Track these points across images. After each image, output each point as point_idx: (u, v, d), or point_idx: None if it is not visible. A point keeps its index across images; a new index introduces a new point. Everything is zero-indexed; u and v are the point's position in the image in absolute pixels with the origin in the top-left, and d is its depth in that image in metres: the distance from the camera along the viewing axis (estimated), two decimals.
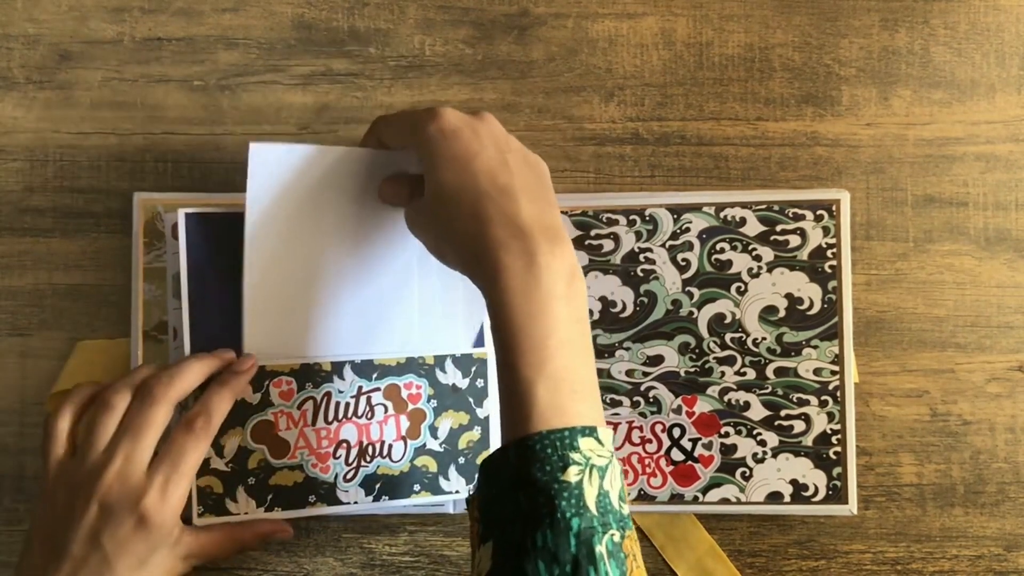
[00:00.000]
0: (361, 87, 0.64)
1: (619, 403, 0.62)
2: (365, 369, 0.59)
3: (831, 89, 0.64)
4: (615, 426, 0.62)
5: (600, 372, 0.62)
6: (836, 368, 0.61)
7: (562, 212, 0.62)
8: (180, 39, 0.64)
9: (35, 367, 0.63)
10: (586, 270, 0.62)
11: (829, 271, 0.61)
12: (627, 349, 0.62)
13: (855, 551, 0.63)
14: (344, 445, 0.59)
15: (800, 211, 0.62)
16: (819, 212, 0.62)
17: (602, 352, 0.62)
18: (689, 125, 0.64)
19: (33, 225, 0.63)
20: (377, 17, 0.64)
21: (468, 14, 0.64)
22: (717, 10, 0.64)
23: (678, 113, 0.64)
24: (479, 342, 0.61)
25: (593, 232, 0.62)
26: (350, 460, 0.59)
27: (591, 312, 0.62)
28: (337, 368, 0.59)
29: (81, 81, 0.63)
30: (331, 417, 0.59)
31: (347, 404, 0.59)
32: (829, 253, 0.62)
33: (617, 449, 0.62)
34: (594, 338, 0.61)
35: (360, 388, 0.59)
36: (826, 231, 0.62)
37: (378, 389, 0.59)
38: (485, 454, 0.60)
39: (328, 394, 0.59)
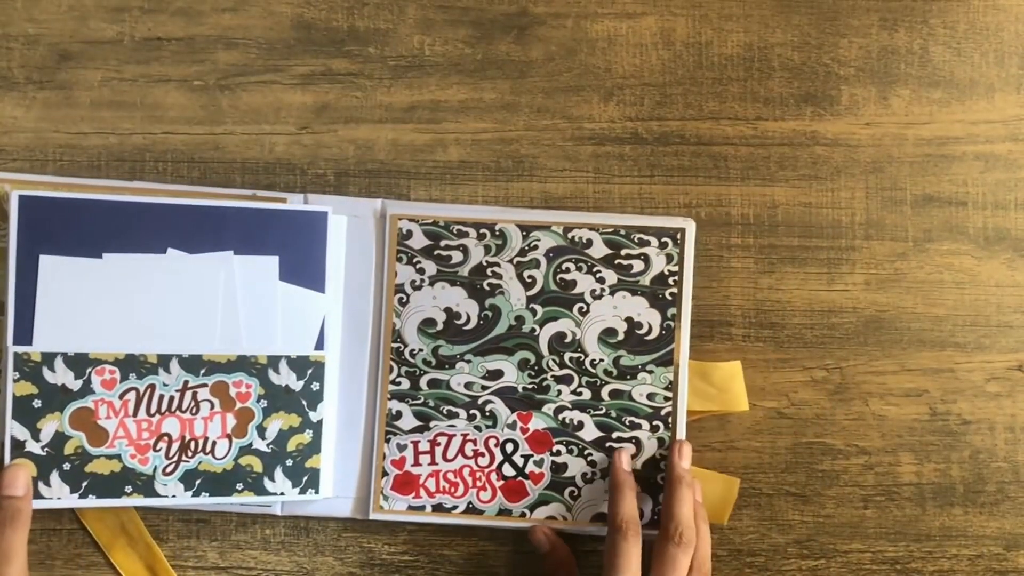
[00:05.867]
0: (361, 87, 0.64)
1: (455, 415, 0.62)
2: (192, 364, 0.59)
3: (830, 89, 0.64)
4: (449, 438, 0.62)
5: (439, 383, 0.62)
6: (669, 394, 0.62)
7: (412, 220, 0.62)
8: (180, 39, 0.64)
9: None
10: (433, 280, 0.62)
11: (669, 298, 0.62)
12: (468, 361, 0.62)
13: (854, 550, 0.63)
14: (165, 438, 0.59)
15: (646, 237, 0.62)
16: (664, 239, 0.62)
17: (443, 363, 0.62)
18: (688, 125, 0.64)
19: None
20: (377, 17, 0.64)
21: (467, 14, 0.64)
22: (716, 10, 0.64)
23: (677, 113, 0.64)
24: (319, 345, 0.61)
25: (443, 243, 0.62)
26: (171, 454, 0.59)
27: (435, 322, 0.62)
28: (163, 361, 0.59)
29: (81, 81, 0.63)
30: (153, 409, 0.59)
31: (171, 398, 0.59)
32: (671, 280, 0.62)
33: (450, 460, 0.62)
34: (436, 349, 0.62)
35: (186, 383, 0.59)
36: (669, 258, 0.62)
37: (205, 385, 0.59)
38: (317, 457, 0.60)
39: (152, 386, 0.59)
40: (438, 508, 0.62)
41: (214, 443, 0.59)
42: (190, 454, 0.59)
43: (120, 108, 0.63)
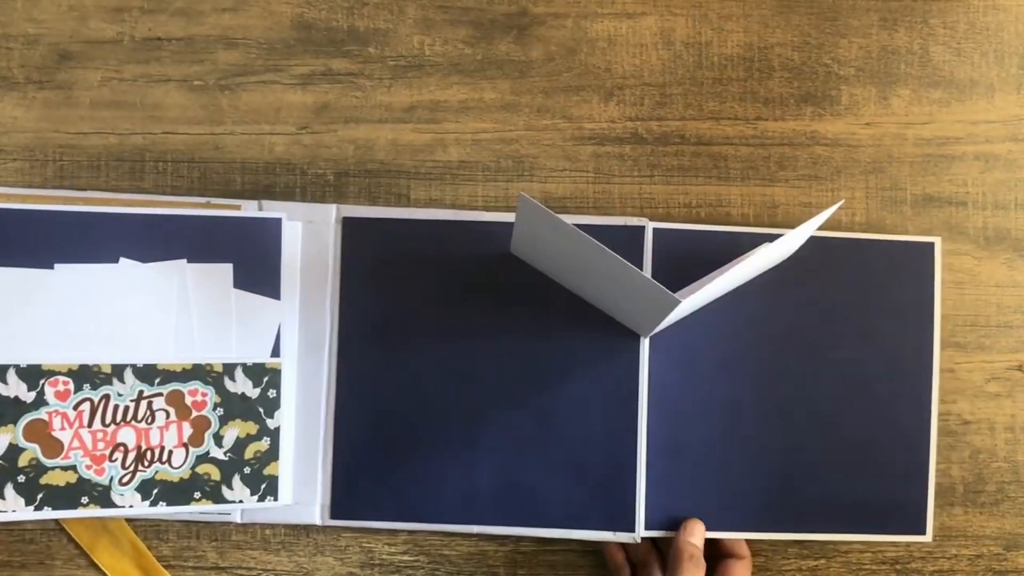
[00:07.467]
0: (360, 87, 0.64)
1: None
2: (147, 374, 0.59)
3: (830, 89, 0.64)
4: None
5: None
6: None
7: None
8: (180, 39, 0.64)
9: None
10: None
11: None
12: None
13: (855, 550, 0.63)
14: (121, 448, 0.59)
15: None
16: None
17: None
18: (688, 125, 0.64)
19: None
20: (376, 17, 0.64)
21: (467, 14, 0.64)
22: (716, 10, 0.64)
23: (677, 113, 0.64)
24: (275, 352, 0.61)
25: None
26: (127, 464, 0.59)
27: None
28: (117, 371, 0.59)
29: (81, 81, 0.63)
30: (108, 420, 0.59)
31: (126, 408, 0.59)
32: None
33: None
34: None
35: (141, 392, 0.59)
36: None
37: (160, 394, 0.59)
38: (275, 464, 0.60)
39: (107, 396, 0.59)
40: None
41: (170, 452, 0.59)
42: (146, 464, 0.59)
43: (120, 108, 0.63)
